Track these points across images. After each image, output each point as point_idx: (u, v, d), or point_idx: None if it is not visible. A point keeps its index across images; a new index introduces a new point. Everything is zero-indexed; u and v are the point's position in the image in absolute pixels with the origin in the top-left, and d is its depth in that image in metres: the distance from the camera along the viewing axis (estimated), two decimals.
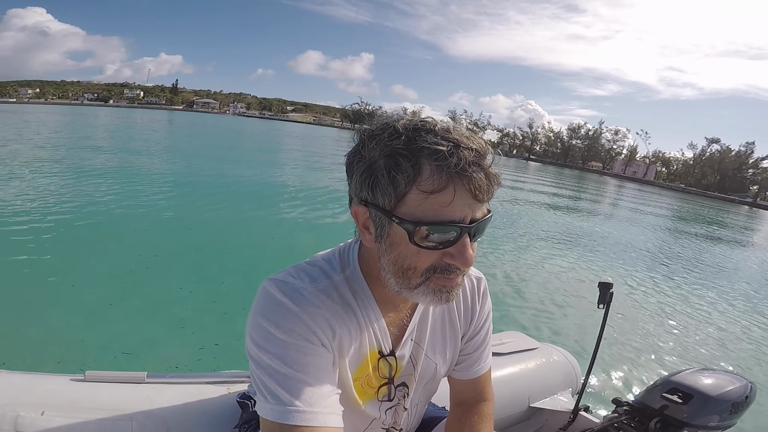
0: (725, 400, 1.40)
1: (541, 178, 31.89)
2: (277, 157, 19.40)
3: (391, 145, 0.60)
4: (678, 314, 5.22)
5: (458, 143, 0.58)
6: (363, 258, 0.74)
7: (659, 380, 1.54)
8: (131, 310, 3.37)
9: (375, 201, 0.62)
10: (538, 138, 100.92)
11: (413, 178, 0.58)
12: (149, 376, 1.14)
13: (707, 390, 1.41)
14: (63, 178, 8.08)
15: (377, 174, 0.61)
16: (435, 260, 0.63)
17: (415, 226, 0.59)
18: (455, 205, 0.58)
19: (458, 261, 0.62)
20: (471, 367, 0.92)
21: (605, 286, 1.45)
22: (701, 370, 1.53)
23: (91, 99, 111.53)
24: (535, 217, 11.60)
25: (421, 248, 0.61)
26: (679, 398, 1.41)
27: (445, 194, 0.58)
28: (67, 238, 4.91)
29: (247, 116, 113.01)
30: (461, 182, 0.58)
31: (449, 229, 0.59)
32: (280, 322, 0.64)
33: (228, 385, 1.18)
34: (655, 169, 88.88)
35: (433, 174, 0.57)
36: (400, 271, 0.64)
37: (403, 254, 0.63)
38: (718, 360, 4.05)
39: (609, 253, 8.29)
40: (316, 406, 0.61)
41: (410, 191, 0.59)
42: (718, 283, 7.34)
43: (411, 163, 0.58)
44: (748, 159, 76.38)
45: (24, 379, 1.05)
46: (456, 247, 0.61)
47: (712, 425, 1.40)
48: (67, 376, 1.10)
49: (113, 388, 1.09)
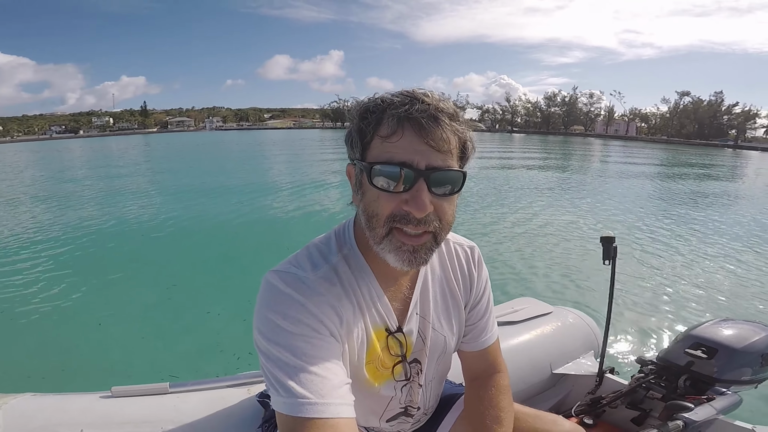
0: (752, 351, 1.34)
1: (527, 148, 32.02)
2: (270, 164, 19.28)
3: (366, 105, 0.67)
4: (686, 262, 5.18)
5: (415, 97, 0.64)
6: (359, 233, 0.75)
7: (680, 335, 1.49)
8: (146, 325, 3.50)
9: (353, 155, 0.69)
10: (518, 110, 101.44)
11: (375, 126, 0.65)
12: (172, 385, 1.16)
13: (731, 342, 1.35)
14: (77, 209, 8.23)
15: (353, 129, 0.68)
16: (394, 207, 0.64)
17: (371, 165, 0.64)
18: (404, 146, 0.62)
19: (411, 206, 0.63)
20: (478, 338, 0.92)
21: (608, 240, 1.41)
22: (721, 321, 1.48)
23: (59, 132, 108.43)
24: (528, 184, 11.63)
25: (379, 191, 0.64)
26: (704, 353, 1.36)
27: (395, 136, 0.63)
28: (80, 263, 5.08)
29: (225, 129, 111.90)
30: (411, 126, 0.62)
31: (398, 169, 0.62)
32: (287, 313, 0.65)
33: (248, 386, 1.19)
34: (636, 125, 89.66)
35: (388, 120, 0.63)
36: (368, 218, 0.67)
37: (368, 200, 0.67)
38: (735, 308, 3.95)
39: (608, 209, 8.29)
40: (328, 397, 0.61)
41: (373, 139, 0.65)
42: (724, 227, 7.30)
43: (375, 115, 0.65)
44: (720, 107, 77.87)
45: (56, 401, 1.10)
46: (411, 192, 0.63)
47: (745, 379, 1.34)
48: (96, 394, 1.13)
49: (140, 401, 1.12)
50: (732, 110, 76.91)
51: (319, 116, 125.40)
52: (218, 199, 9.09)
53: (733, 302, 4.07)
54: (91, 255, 5.40)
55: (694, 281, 4.55)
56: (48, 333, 3.37)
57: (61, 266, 4.91)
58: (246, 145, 35.39)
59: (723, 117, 77.67)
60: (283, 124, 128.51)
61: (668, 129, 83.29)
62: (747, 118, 75.46)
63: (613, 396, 1.44)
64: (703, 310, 3.82)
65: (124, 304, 3.85)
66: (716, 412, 1.26)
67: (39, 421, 1.02)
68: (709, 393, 1.34)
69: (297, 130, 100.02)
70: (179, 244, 5.95)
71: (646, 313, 3.68)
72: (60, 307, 3.81)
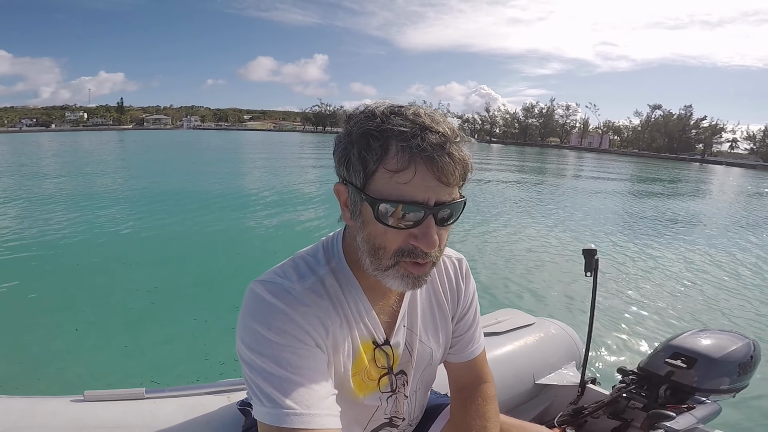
0: (730, 361, 1.37)
1: (505, 159, 32.61)
2: (248, 167, 19.00)
3: (364, 126, 0.61)
4: (664, 274, 5.31)
5: (425, 126, 0.59)
6: (348, 246, 0.74)
7: (660, 346, 1.52)
8: (123, 329, 3.36)
9: (350, 179, 0.64)
10: (497, 121, 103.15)
11: (380, 157, 0.59)
12: (148, 391, 1.12)
13: (710, 352, 1.38)
14: (40, 205, 7.98)
15: (350, 153, 0.62)
16: (402, 242, 0.63)
17: (379, 203, 0.60)
18: (417, 185, 0.59)
19: (421, 243, 0.62)
20: (465, 349, 0.92)
21: (590, 252, 1.42)
22: (700, 332, 1.51)
23: (29, 125, 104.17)
24: (507, 195, 11.79)
25: (387, 227, 0.61)
26: (683, 363, 1.38)
27: (406, 173, 0.58)
28: (55, 263, 4.93)
29: (202, 129, 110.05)
30: (423, 163, 0.58)
31: (410, 208, 0.60)
32: (271, 323, 0.63)
33: (228, 394, 1.16)
34: (608, 138, 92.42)
35: (398, 154, 0.59)
36: (372, 249, 0.65)
37: (373, 233, 0.64)
38: (711, 317, 4.06)
39: (586, 222, 8.46)
40: (314, 408, 0.60)
41: (377, 170, 0.60)
42: (695, 239, 7.55)
43: (380, 143, 0.59)
44: (689, 120, 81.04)
45: (24, 403, 1.06)
46: (420, 228, 0.61)
47: (723, 388, 1.37)
48: (67, 398, 1.09)
49: (113, 406, 1.08)
50: (700, 124, 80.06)
51: (300, 119, 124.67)
52: (197, 202, 8.88)
53: (710, 313, 4.20)
54: (67, 256, 5.21)
55: (672, 292, 4.67)
56: (20, 335, 3.23)
57: (33, 267, 4.74)
58: (217, 148, 34.71)
59: (691, 131, 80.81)
60: (263, 126, 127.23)
61: (639, 142, 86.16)
62: (714, 132, 78.74)
63: (595, 406, 1.45)
64: (681, 321, 3.91)
65: (102, 307, 3.73)
66: (696, 420, 1.28)
67: (5, 424, 0.98)
68: (690, 402, 1.36)
69: (277, 133, 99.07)
70: (159, 246, 5.79)
71: (627, 323, 3.76)
72: (34, 309, 3.69)
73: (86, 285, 4.26)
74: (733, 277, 5.40)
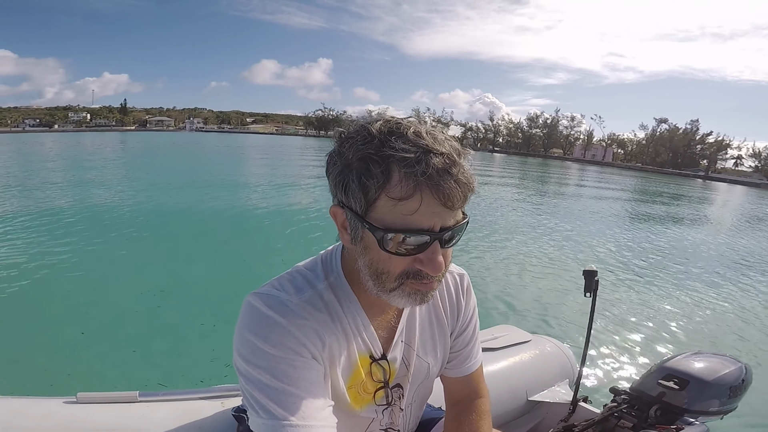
0: (722, 384, 1.39)
1: (507, 170, 32.58)
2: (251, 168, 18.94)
3: (362, 150, 0.58)
4: (663, 297, 5.29)
5: (428, 149, 0.57)
6: (346, 262, 0.74)
7: (654, 367, 1.54)
8: (120, 331, 3.36)
9: (349, 204, 0.62)
10: (500, 130, 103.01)
11: (383, 184, 0.57)
12: (141, 394, 1.13)
13: (703, 375, 1.40)
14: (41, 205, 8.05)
15: (349, 178, 0.60)
16: (407, 265, 0.62)
17: (383, 233, 0.59)
18: (423, 212, 0.57)
19: (428, 268, 0.61)
20: (462, 364, 0.92)
21: (590, 273, 1.44)
22: (694, 355, 1.53)
23: (33, 125, 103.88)
24: (509, 209, 11.76)
25: (391, 254, 0.61)
26: (676, 384, 1.40)
27: (412, 202, 0.57)
28: (49, 259, 4.91)
29: (205, 131, 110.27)
30: (429, 190, 0.56)
31: (417, 236, 0.59)
32: (268, 335, 0.64)
33: (222, 400, 1.17)
34: (612, 151, 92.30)
35: (402, 181, 0.57)
36: (375, 274, 0.65)
37: (376, 259, 0.63)
38: (706, 341, 4.07)
39: (586, 240, 8.41)
40: (310, 420, 0.61)
41: (380, 197, 0.58)
42: (695, 263, 7.50)
43: (381, 169, 0.57)
44: (695, 135, 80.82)
45: (16, 404, 1.06)
46: (426, 253, 0.61)
47: (713, 410, 1.39)
48: (59, 399, 1.09)
49: (106, 409, 1.08)
50: (706, 139, 79.78)
51: (303, 123, 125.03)
52: (211, 201, 8.85)
53: (705, 336, 4.20)
54: (71, 254, 5.20)
55: (668, 315, 4.66)
56: (15, 335, 3.23)
57: (39, 269, 4.72)
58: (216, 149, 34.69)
59: (696, 146, 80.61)
60: (266, 129, 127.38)
61: (643, 156, 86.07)
62: (719, 148, 78.44)
63: (585, 424, 1.46)
64: (676, 343, 3.91)
65: (107, 309, 3.73)
66: None
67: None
68: (678, 423, 1.38)
69: (279, 136, 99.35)
70: (165, 250, 5.76)
71: (622, 345, 3.76)
72: (36, 310, 3.69)
73: (92, 286, 4.26)
74: (729, 301, 5.40)
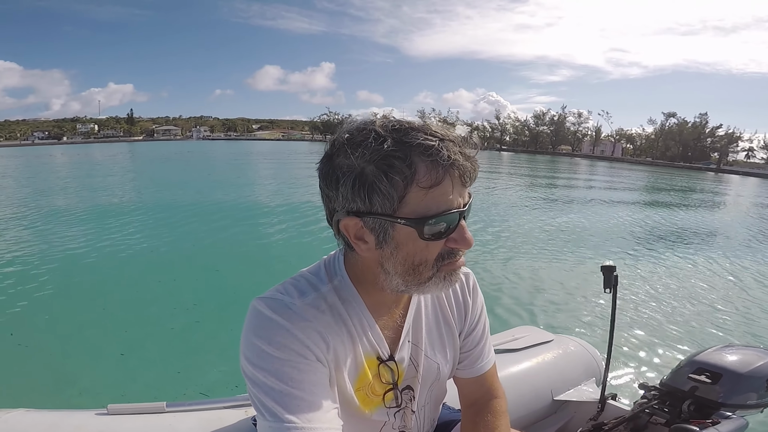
0: (758, 376, 1.35)
1: (517, 168, 32.46)
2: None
3: (380, 150, 0.60)
4: (687, 289, 5.20)
5: (443, 137, 0.61)
6: (350, 266, 0.75)
7: (683, 361, 1.50)
8: (145, 342, 3.42)
9: (371, 208, 0.62)
10: (507, 128, 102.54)
11: (410, 176, 0.59)
12: (169, 405, 1.15)
13: (736, 367, 1.36)
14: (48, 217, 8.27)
15: (372, 181, 0.60)
16: (441, 248, 0.65)
17: (422, 222, 0.61)
18: (453, 194, 0.62)
19: (462, 244, 0.65)
20: (474, 364, 0.92)
21: (608, 269, 1.42)
22: (725, 347, 1.49)
23: (42, 138, 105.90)
24: (523, 208, 11.66)
25: (429, 241, 0.63)
26: (708, 378, 1.36)
27: (444, 186, 0.61)
28: (74, 279, 4.99)
29: (212, 139, 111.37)
30: (454, 172, 0.61)
31: (452, 217, 0.62)
32: (272, 338, 0.65)
33: (245, 408, 1.18)
34: (621, 146, 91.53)
35: (429, 169, 0.59)
36: (411, 269, 0.66)
37: (412, 252, 0.64)
38: (737, 334, 3.97)
39: (602, 236, 8.32)
40: (315, 422, 0.61)
41: (410, 191, 0.60)
42: (716, 251, 7.38)
43: (406, 163, 0.59)
44: (704, 129, 79.93)
45: (51, 417, 1.09)
46: (457, 231, 0.64)
47: (750, 404, 1.35)
48: (91, 411, 1.12)
49: (136, 420, 1.11)
50: (716, 132, 78.93)
51: (309, 128, 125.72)
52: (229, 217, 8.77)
53: (734, 329, 4.09)
54: (107, 270, 5.29)
55: (694, 309, 4.57)
56: (47, 348, 3.29)
57: (77, 282, 4.85)
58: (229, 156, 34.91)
59: (707, 139, 79.74)
60: (272, 135, 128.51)
61: (653, 151, 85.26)
62: (730, 141, 77.51)
63: (615, 422, 1.43)
64: (703, 337, 3.83)
65: (142, 323, 3.79)
66: None
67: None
68: (714, 417, 1.33)
69: (286, 142, 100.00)
70: (198, 262, 5.76)
71: (647, 340, 3.68)
72: (63, 323, 3.76)
73: (126, 301, 4.31)
74: (757, 291, 5.27)
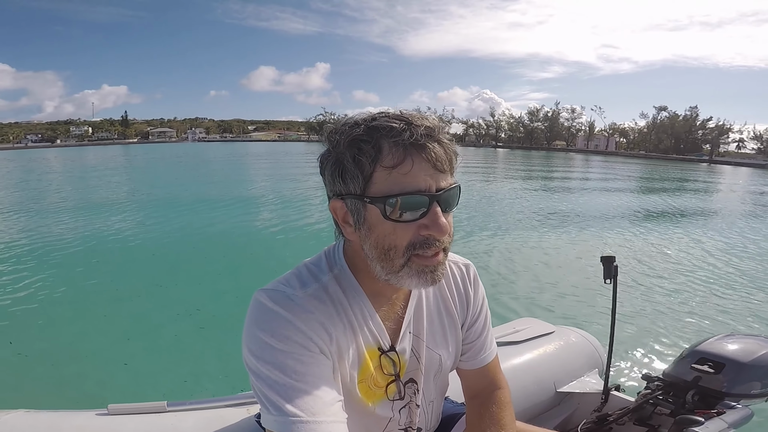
0: (761, 365, 1.35)
1: (512, 164, 32.51)
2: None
3: (351, 134, 0.64)
4: (686, 278, 5.22)
5: (410, 121, 0.63)
6: (349, 255, 0.75)
7: (685, 351, 1.50)
8: (145, 341, 3.42)
9: (347, 189, 0.65)
10: (502, 125, 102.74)
11: (375, 157, 0.62)
12: (170, 404, 1.14)
13: (738, 357, 1.36)
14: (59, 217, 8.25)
15: (344, 163, 0.64)
16: (412, 235, 0.64)
17: (384, 200, 0.62)
18: (416, 174, 0.62)
19: (433, 230, 0.64)
20: (477, 356, 0.92)
21: (608, 259, 1.42)
22: (726, 337, 1.49)
23: (35, 140, 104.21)
24: (519, 202, 11.70)
25: (396, 223, 0.63)
26: (711, 368, 1.36)
27: (404, 165, 0.62)
28: (75, 277, 4.99)
29: (207, 141, 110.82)
30: (418, 153, 0.62)
31: (416, 198, 0.62)
32: (275, 331, 0.64)
33: (247, 407, 1.17)
34: (615, 140, 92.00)
35: (392, 149, 0.62)
36: (382, 253, 0.66)
37: (381, 234, 0.65)
38: (738, 323, 3.98)
39: (601, 227, 8.34)
40: (320, 415, 0.61)
41: (375, 170, 0.62)
42: (715, 239, 7.43)
43: (371, 144, 0.62)
44: (695, 121, 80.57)
45: (51, 418, 1.08)
46: (429, 216, 0.63)
47: (755, 393, 1.35)
48: (92, 412, 1.12)
49: (137, 420, 1.10)
50: (706, 125, 79.66)
51: (305, 129, 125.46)
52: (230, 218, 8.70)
53: (735, 318, 4.10)
54: (107, 272, 5.26)
55: (694, 298, 4.59)
56: (48, 351, 3.27)
57: (75, 281, 4.84)
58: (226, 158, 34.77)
59: (698, 132, 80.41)
60: (268, 137, 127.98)
61: (646, 144, 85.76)
62: (721, 133, 78.25)
63: (620, 413, 1.42)
64: (705, 326, 3.84)
65: (135, 325, 3.78)
66: (727, 425, 1.25)
67: None
68: (719, 407, 1.33)
69: (281, 143, 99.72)
70: (199, 265, 5.71)
71: (649, 330, 3.69)
72: (63, 322, 3.76)
73: (126, 301, 4.30)
74: (757, 280, 5.29)
